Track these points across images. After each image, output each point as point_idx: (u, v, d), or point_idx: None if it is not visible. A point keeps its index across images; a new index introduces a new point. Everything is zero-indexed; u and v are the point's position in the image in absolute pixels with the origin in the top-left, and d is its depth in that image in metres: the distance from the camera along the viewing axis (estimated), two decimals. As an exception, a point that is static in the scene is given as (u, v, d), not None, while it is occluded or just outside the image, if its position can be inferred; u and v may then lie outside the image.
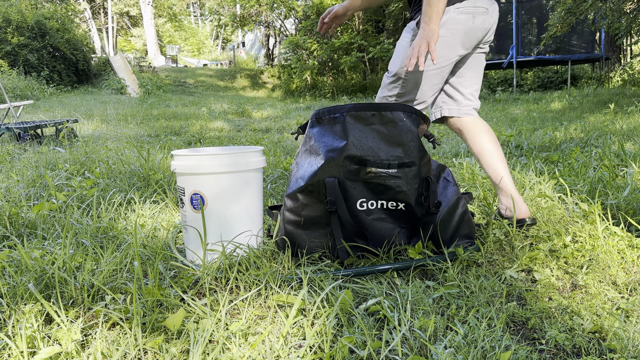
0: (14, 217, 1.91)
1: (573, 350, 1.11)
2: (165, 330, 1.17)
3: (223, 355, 1.06)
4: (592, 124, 5.17)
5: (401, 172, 1.51)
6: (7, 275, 1.37)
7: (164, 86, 16.84)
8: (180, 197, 1.64)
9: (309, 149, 1.61)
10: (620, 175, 2.40)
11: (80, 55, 17.12)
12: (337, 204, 1.51)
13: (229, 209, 1.61)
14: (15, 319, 1.15)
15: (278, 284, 1.39)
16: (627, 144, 3.68)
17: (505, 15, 14.32)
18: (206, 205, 1.58)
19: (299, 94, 15.87)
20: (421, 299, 1.32)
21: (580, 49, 13.32)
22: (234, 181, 1.61)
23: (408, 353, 1.09)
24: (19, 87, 12.36)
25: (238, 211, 1.63)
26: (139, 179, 2.62)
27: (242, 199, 1.63)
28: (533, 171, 2.52)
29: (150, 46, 26.52)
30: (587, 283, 1.40)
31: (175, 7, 34.23)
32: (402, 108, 1.53)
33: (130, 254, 1.54)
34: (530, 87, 13.72)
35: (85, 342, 1.16)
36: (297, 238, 1.59)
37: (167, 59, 25.94)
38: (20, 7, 15.90)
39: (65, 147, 3.89)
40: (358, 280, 1.49)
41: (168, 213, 2.18)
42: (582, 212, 1.86)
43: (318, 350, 1.09)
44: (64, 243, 1.46)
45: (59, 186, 2.46)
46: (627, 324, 1.17)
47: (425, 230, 1.60)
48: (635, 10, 7.75)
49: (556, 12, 8.20)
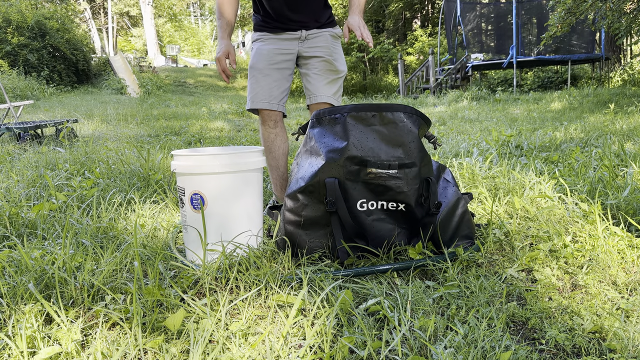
0: (14, 217, 1.91)
1: (573, 350, 1.11)
2: (165, 330, 1.17)
3: (223, 355, 1.06)
4: (592, 124, 5.17)
5: (401, 173, 1.51)
6: (7, 275, 1.37)
7: (164, 86, 16.84)
8: (180, 197, 1.64)
9: (309, 149, 1.61)
10: (620, 175, 2.40)
11: (80, 55, 17.12)
12: (337, 205, 1.51)
13: (229, 209, 1.61)
14: (15, 319, 1.15)
15: (278, 284, 1.39)
16: (627, 144, 3.69)
17: (505, 15, 14.32)
18: (206, 205, 1.58)
19: (298, 94, 15.87)
20: (421, 299, 1.32)
21: (580, 49, 13.33)
22: (234, 181, 1.60)
23: (408, 353, 1.09)
24: (19, 87, 12.36)
25: (238, 211, 1.62)
26: (139, 179, 2.62)
27: (242, 199, 1.63)
28: (533, 171, 2.52)
29: (150, 46, 26.52)
30: (587, 283, 1.40)
31: (175, 7, 34.22)
32: (402, 109, 1.53)
33: (130, 254, 1.54)
34: (530, 87, 13.72)
35: (85, 342, 1.16)
36: (297, 238, 1.59)
37: (167, 59, 25.94)
38: (20, 7, 15.90)
39: (65, 147, 3.89)
40: (358, 280, 1.49)
41: (168, 213, 2.18)
42: (582, 212, 1.86)
43: (318, 350, 1.09)
44: (64, 243, 1.46)
45: (59, 186, 2.46)
46: (627, 324, 1.17)
47: (425, 231, 1.60)
48: (635, 10, 7.75)
49: (556, 12, 8.20)
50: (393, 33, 16.99)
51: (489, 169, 2.68)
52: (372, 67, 16.73)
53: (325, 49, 2.12)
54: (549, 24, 8.62)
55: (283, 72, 2.13)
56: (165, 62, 25.71)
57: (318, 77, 2.06)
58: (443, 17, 15.59)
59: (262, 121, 2.16)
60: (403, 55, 18.28)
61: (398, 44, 20.49)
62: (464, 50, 14.48)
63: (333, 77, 2.10)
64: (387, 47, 15.34)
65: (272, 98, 2.11)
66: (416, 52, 19.63)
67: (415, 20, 21.65)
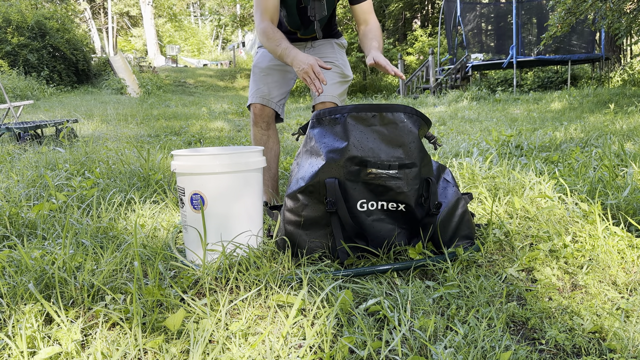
0: (14, 217, 1.91)
1: (573, 350, 1.11)
2: (165, 330, 1.17)
3: (223, 355, 1.06)
4: (592, 124, 5.17)
5: (402, 173, 1.51)
6: (7, 275, 1.37)
7: (164, 86, 16.84)
8: (181, 197, 1.64)
9: (309, 149, 1.61)
10: (620, 175, 2.40)
11: (80, 55, 17.13)
12: (337, 205, 1.51)
13: (229, 209, 1.61)
14: (15, 319, 1.15)
15: (278, 284, 1.39)
16: (627, 144, 3.68)
17: (505, 15, 14.33)
18: (206, 205, 1.58)
19: (299, 94, 15.87)
20: (421, 299, 1.32)
21: (580, 49, 13.34)
22: (234, 181, 1.60)
23: (408, 353, 1.09)
24: (19, 87, 12.36)
25: (238, 211, 1.62)
26: (139, 179, 2.62)
27: (243, 199, 1.63)
28: (533, 171, 2.52)
29: (150, 46, 26.52)
30: (587, 283, 1.40)
31: (175, 7, 34.23)
32: (403, 109, 1.53)
33: (130, 254, 1.54)
34: (530, 87, 13.72)
35: (85, 342, 1.16)
36: (297, 238, 1.59)
37: (167, 59, 25.95)
38: (20, 7, 15.90)
39: (65, 147, 3.89)
40: (358, 280, 1.49)
41: (168, 213, 2.18)
42: (582, 212, 1.86)
43: (318, 350, 1.09)
44: (64, 243, 1.46)
45: (59, 186, 2.46)
46: (627, 324, 1.17)
47: (425, 231, 1.60)
48: (635, 10, 7.75)
49: (556, 12, 8.20)
50: (393, 33, 17.01)
51: (489, 169, 2.68)
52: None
53: (332, 54, 2.13)
54: (549, 24, 8.63)
55: (285, 74, 2.12)
56: (165, 62, 25.73)
57: (326, 75, 2.02)
58: (443, 17, 15.59)
59: (255, 122, 2.14)
60: (403, 55, 18.29)
61: (398, 44, 20.49)
62: (464, 50, 14.48)
63: (340, 80, 2.10)
64: (387, 47, 15.34)
65: (271, 96, 2.11)
66: (416, 52, 19.64)
67: (415, 20, 21.66)
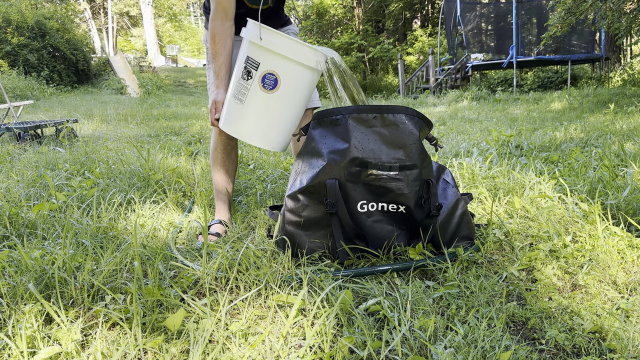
0: (14, 217, 1.91)
1: (573, 350, 1.11)
2: (165, 330, 1.17)
3: (223, 355, 1.06)
4: (592, 124, 5.17)
5: (402, 175, 1.51)
6: (7, 275, 1.37)
7: (164, 86, 16.84)
8: (249, 69, 1.56)
9: (310, 150, 1.61)
10: (620, 175, 2.40)
11: (80, 55, 17.13)
12: (338, 206, 1.51)
13: (292, 105, 1.58)
14: (15, 319, 1.15)
15: (278, 284, 1.39)
16: (627, 144, 3.68)
17: (505, 15, 14.33)
18: (277, 88, 1.54)
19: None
20: (421, 299, 1.32)
21: (580, 49, 13.34)
22: (308, 80, 1.58)
23: (408, 353, 1.09)
24: (19, 87, 12.37)
25: (296, 111, 1.61)
26: (139, 179, 2.62)
27: (302, 102, 1.60)
28: (533, 171, 2.52)
29: (150, 46, 26.53)
30: (587, 283, 1.40)
31: (175, 7, 34.23)
32: (404, 110, 1.52)
33: (130, 254, 1.54)
34: (530, 87, 13.72)
35: (85, 342, 1.16)
36: (297, 238, 1.59)
37: (167, 59, 25.96)
38: (20, 7, 15.90)
39: (65, 147, 3.89)
40: (358, 280, 1.49)
41: (168, 213, 2.18)
42: (582, 212, 1.86)
43: (318, 350, 1.09)
44: (64, 243, 1.46)
45: (59, 186, 2.46)
46: (627, 324, 1.17)
47: (425, 233, 1.60)
48: (635, 10, 7.75)
49: (556, 12, 8.20)
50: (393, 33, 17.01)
51: (489, 169, 2.68)
52: (372, 67, 16.75)
53: None
54: (549, 24, 8.63)
55: None
56: (165, 62, 25.74)
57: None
58: (443, 17, 15.59)
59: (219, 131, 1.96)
60: (403, 55, 18.28)
61: (398, 44, 20.49)
62: (464, 50, 14.48)
63: None
64: (387, 47, 15.34)
65: None
66: (416, 52, 19.63)
67: (415, 20, 21.66)
